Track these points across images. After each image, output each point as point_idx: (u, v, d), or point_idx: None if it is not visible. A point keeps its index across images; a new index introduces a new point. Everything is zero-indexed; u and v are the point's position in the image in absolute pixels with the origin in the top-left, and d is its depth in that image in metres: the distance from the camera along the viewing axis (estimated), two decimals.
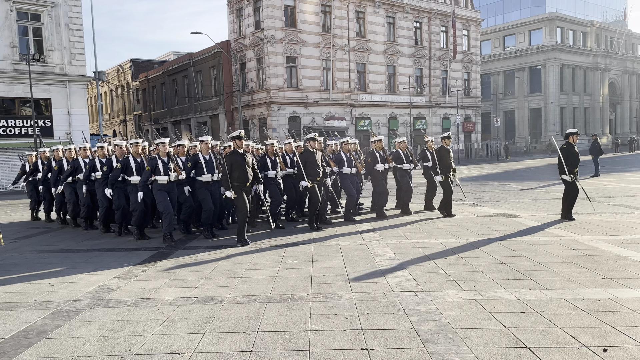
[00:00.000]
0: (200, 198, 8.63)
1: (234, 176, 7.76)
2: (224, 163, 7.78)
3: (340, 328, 4.12)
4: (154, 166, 8.16)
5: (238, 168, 7.79)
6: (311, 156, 9.07)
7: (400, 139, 11.18)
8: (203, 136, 8.97)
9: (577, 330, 3.96)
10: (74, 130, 25.51)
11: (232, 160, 7.82)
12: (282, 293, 5.15)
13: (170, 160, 8.36)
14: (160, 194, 8.20)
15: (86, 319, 4.51)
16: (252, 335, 4.00)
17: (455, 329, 4.03)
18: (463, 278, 5.55)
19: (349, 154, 10.23)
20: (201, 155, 8.73)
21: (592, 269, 5.82)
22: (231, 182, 7.77)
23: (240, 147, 7.94)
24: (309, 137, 9.37)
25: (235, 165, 7.79)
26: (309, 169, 8.93)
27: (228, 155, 7.92)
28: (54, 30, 25.34)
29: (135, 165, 8.60)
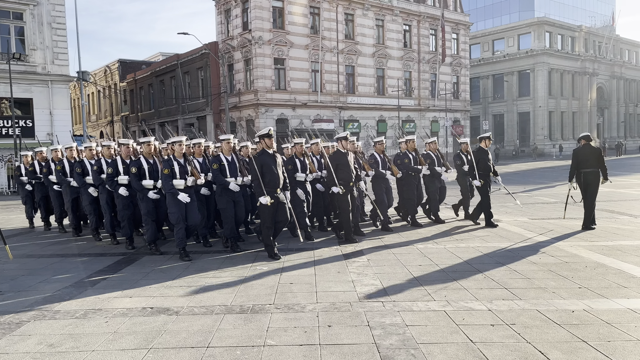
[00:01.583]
0: (221, 207, 7.45)
1: (264, 180, 6.79)
2: (254, 165, 6.78)
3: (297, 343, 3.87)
4: (170, 169, 6.99)
5: (269, 171, 6.83)
6: (343, 158, 7.94)
7: (431, 139, 10.13)
8: (224, 135, 7.80)
9: (547, 345, 3.73)
10: (56, 131, 25.02)
11: (262, 161, 6.85)
12: (243, 304, 4.88)
13: (187, 162, 7.20)
14: (174, 203, 6.96)
15: (27, 332, 4.20)
16: (201, 352, 3.72)
17: (419, 344, 3.79)
18: (435, 287, 5.31)
19: (382, 154, 9.14)
20: (223, 157, 7.52)
21: (568, 277, 5.61)
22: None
23: (270, 147, 7.00)
24: (341, 137, 8.10)
25: (266, 167, 6.82)
26: (340, 173, 7.82)
27: (257, 156, 6.94)
28: (36, 29, 24.89)
29: (148, 168, 7.50)
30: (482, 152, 9.43)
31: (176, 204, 6.92)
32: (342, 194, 7.77)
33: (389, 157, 9.24)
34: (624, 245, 7.28)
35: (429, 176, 9.59)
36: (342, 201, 7.84)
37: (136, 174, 7.42)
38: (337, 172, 7.82)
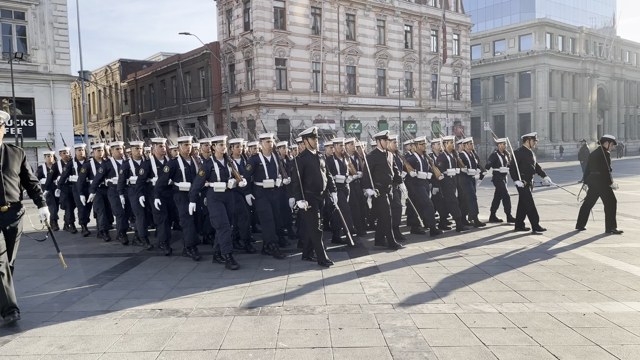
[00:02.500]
0: (260, 210, 7.10)
1: (306, 183, 6.40)
2: (295, 166, 6.41)
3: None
4: (209, 170, 6.58)
5: (312, 173, 6.44)
6: (382, 158, 7.40)
7: (466, 139, 9.61)
8: (264, 133, 7.41)
9: (560, 348, 3.72)
10: (57, 131, 25.00)
11: (305, 162, 6.44)
12: (252, 305, 4.86)
13: (228, 163, 6.74)
14: (216, 206, 6.52)
15: (37, 334, 4.19)
16: (213, 354, 3.71)
17: (432, 347, 3.77)
18: (444, 289, 5.30)
19: (423, 155, 8.62)
20: (262, 157, 7.14)
21: (577, 279, 5.59)
22: (303, 190, 6.41)
23: (314, 147, 6.59)
24: (380, 135, 7.54)
25: (309, 169, 6.43)
26: (378, 174, 7.29)
27: (300, 157, 6.55)
28: (38, 29, 24.86)
29: (185, 169, 7.07)
30: (525, 152, 8.83)
31: (218, 209, 6.52)
32: (380, 197, 7.28)
33: (430, 158, 8.72)
34: (630, 248, 7.26)
35: (464, 178, 9.10)
36: (381, 204, 7.36)
37: (167, 174, 7.05)
38: (375, 173, 7.31)
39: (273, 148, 7.34)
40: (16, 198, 4.55)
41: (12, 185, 4.52)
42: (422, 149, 8.65)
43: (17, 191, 4.57)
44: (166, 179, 7.10)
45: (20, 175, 4.64)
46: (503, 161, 9.47)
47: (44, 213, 4.79)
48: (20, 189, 4.67)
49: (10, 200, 4.49)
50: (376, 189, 7.23)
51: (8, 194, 4.48)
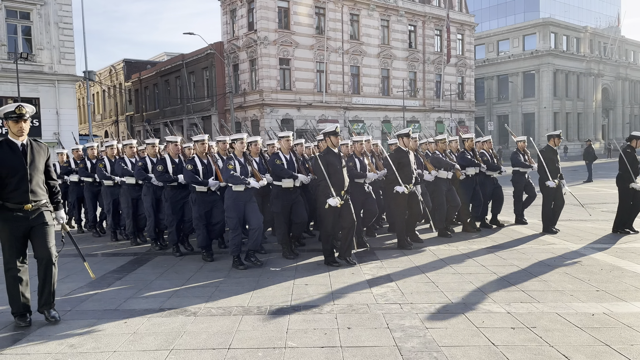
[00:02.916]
0: (275, 211, 7.05)
1: (330, 181, 6.28)
2: (319, 164, 6.29)
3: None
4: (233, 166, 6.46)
5: (334, 171, 6.33)
6: (404, 156, 7.33)
7: (485, 138, 9.41)
8: (283, 132, 7.27)
9: (570, 349, 3.71)
10: (62, 131, 25.11)
11: (328, 161, 6.35)
12: (260, 305, 4.87)
13: (248, 162, 6.64)
14: (234, 207, 6.40)
15: (47, 333, 4.20)
16: (222, 353, 3.71)
17: (441, 347, 3.77)
18: (451, 288, 5.29)
19: (443, 154, 8.45)
20: (282, 155, 7.04)
21: (585, 280, 5.58)
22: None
23: (336, 146, 6.56)
24: (402, 133, 7.47)
25: (332, 167, 6.33)
26: (400, 173, 7.21)
27: (323, 155, 6.45)
28: (43, 29, 24.93)
29: (202, 169, 6.92)
30: (550, 151, 8.50)
31: (235, 208, 6.39)
32: (399, 196, 7.21)
33: (450, 157, 8.50)
34: (638, 248, 7.24)
35: (483, 177, 8.91)
36: (399, 204, 7.28)
37: (192, 170, 6.82)
38: (398, 171, 7.22)
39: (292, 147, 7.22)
40: (42, 197, 4.36)
41: (37, 183, 4.33)
42: (442, 148, 8.49)
43: (42, 189, 4.39)
44: (192, 173, 6.80)
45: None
46: (523, 160, 9.27)
47: (61, 216, 4.65)
48: (46, 187, 4.47)
49: (35, 198, 4.30)
50: (406, 185, 7.15)
51: (33, 192, 4.28)
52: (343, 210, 6.38)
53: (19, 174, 4.21)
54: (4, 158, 4.21)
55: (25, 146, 4.30)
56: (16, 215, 4.22)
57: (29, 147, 4.32)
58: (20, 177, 4.21)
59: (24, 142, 4.31)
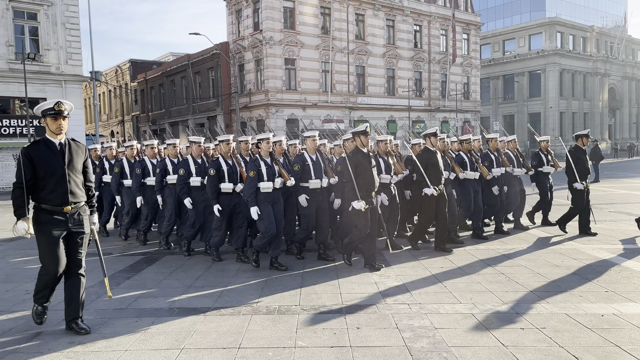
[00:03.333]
0: (303, 213, 6.82)
1: (358, 183, 6.04)
2: (347, 165, 6.06)
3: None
4: (257, 170, 6.25)
5: (364, 172, 6.10)
6: (433, 157, 7.12)
7: (510, 137, 9.17)
8: (309, 131, 7.04)
9: (580, 349, 3.71)
10: (69, 131, 25.22)
11: (357, 161, 6.11)
12: (269, 305, 4.89)
13: (275, 162, 6.45)
14: (263, 208, 6.19)
15: (58, 332, 4.24)
16: (233, 352, 3.74)
17: (450, 347, 3.78)
18: (459, 289, 5.29)
19: (469, 154, 8.19)
20: (307, 155, 6.78)
21: (594, 280, 5.57)
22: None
23: (366, 146, 6.29)
24: (429, 133, 7.21)
25: (361, 168, 6.09)
26: (429, 174, 7.00)
27: (352, 155, 6.20)
28: (50, 30, 25.10)
29: (227, 170, 6.67)
30: (579, 151, 8.29)
31: (265, 211, 6.17)
32: (430, 197, 7.00)
33: (476, 157, 8.21)
34: None
35: (510, 179, 8.69)
36: (428, 206, 7.07)
37: (214, 176, 6.56)
38: (426, 172, 7.02)
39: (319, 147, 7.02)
40: (81, 198, 4.15)
41: (76, 184, 4.12)
42: (468, 148, 8.22)
43: (81, 190, 4.18)
44: (216, 182, 6.58)
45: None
46: (546, 160, 9.11)
47: (94, 222, 4.38)
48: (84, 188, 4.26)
49: (75, 200, 4.08)
50: (435, 187, 6.96)
51: (72, 194, 4.06)
52: (370, 214, 6.14)
53: (57, 174, 3.99)
54: (42, 158, 3.99)
55: (63, 145, 4.08)
56: (55, 218, 4.01)
57: (67, 146, 4.10)
58: (59, 177, 4.00)
59: (62, 141, 4.09)
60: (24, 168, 3.95)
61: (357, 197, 6.01)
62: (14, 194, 3.99)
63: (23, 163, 3.95)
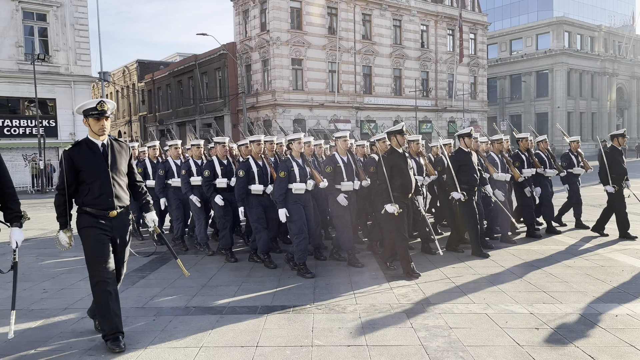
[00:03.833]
0: (336, 215, 6.57)
1: (394, 184, 5.84)
2: (382, 166, 5.90)
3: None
4: (289, 171, 6.12)
5: (400, 173, 5.89)
6: (467, 158, 6.87)
7: (541, 137, 8.84)
8: (340, 132, 6.81)
9: (595, 349, 3.73)
10: (78, 131, 25.46)
11: (393, 162, 5.91)
12: (284, 304, 4.94)
13: (306, 163, 6.28)
14: (295, 210, 6.05)
15: (77, 329, 4.32)
16: (251, 351, 3.79)
17: (466, 346, 3.81)
18: (472, 289, 5.32)
19: (500, 155, 7.99)
20: (339, 157, 6.58)
21: (607, 281, 5.58)
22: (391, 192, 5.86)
23: (402, 146, 6.08)
24: (464, 133, 6.98)
25: (397, 169, 5.89)
26: (463, 175, 6.74)
27: (387, 156, 6.01)
28: (59, 31, 25.30)
29: (257, 171, 6.49)
30: (616, 152, 8.03)
31: (297, 212, 6.05)
32: (465, 201, 6.73)
33: (507, 158, 8.04)
34: None
35: (540, 179, 8.44)
36: (467, 209, 6.79)
37: (244, 178, 6.41)
38: (460, 174, 6.77)
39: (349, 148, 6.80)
40: (126, 202, 3.95)
41: (121, 187, 3.92)
42: (499, 148, 8.02)
43: (126, 193, 3.99)
44: (245, 183, 6.44)
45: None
46: (577, 161, 8.89)
47: (153, 219, 4.18)
48: (129, 191, 4.09)
49: (120, 204, 3.88)
50: (463, 192, 6.69)
51: (117, 197, 3.86)
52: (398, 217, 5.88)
53: (102, 177, 3.80)
54: (85, 160, 3.80)
55: (106, 146, 3.89)
56: (100, 223, 3.81)
57: (109, 147, 3.90)
58: (103, 180, 3.80)
59: (104, 141, 3.89)
60: (67, 172, 3.76)
61: (391, 200, 5.80)
62: (56, 200, 3.83)
63: (65, 167, 3.76)
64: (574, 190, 9.02)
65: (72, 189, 3.80)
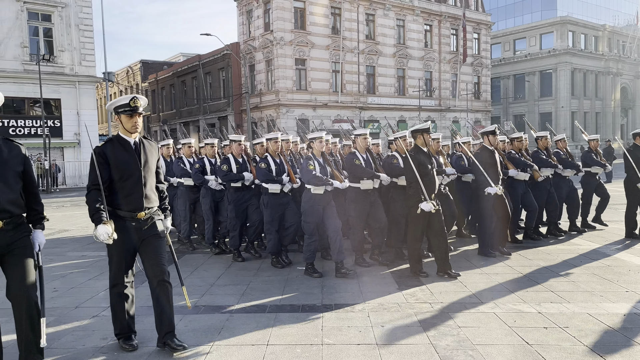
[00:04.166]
0: (355, 215, 6.46)
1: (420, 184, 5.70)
2: (411, 165, 5.71)
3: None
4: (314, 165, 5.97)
5: (425, 172, 5.78)
6: (491, 156, 6.77)
7: (560, 136, 8.67)
8: (359, 129, 6.68)
9: (604, 348, 3.75)
10: (83, 131, 25.56)
11: (419, 161, 5.79)
12: (292, 303, 4.98)
13: (327, 162, 6.15)
14: (311, 212, 5.97)
15: (90, 328, 4.36)
16: (262, 349, 3.82)
17: (475, 345, 3.83)
18: (479, 289, 5.34)
19: (519, 153, 7.89)
20: (359, 154, 6.40)
21: (614, 280, 5.59)
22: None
23: (428, 144, 5.99)
24: (488, 131, 6.92)
25: (423, 168, 5.77)
26: (488, 174, 6.63)
27: (414, 154, 5.87)
28: (64, 31, 25.42)
29: (275, 169, 6.42)
30: (638, 150, 7.92)
31: (313, 212, 5.93)
32: (486, 200, 6.57)
33: (527, 157, 7.93)
34: None
35: (558, 179, 8.30)
36: (486, 207, 6.65)
37: (266, 169, 6.37)
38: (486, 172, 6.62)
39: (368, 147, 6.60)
40: (155, 203, 3.79)
41: (151, 187, 3.75)
42: (519, 147, 7.90)
43: (155, 194, 3.81)
44: (267, 172, 6.35)
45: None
46: (596, 160, 8.73)
47: (167, 226, 3.97)
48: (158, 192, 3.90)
49: (149, 205, 3.72)
50: (499, 186, 6.57)
51: (147, 198, 3.69)
52: (433, 217, 5.77)
53: (134, 176, 3.64)
54: (118, 159, 3.65)
55: (138, 144, 3.73)
56: (128, 225, 3.65)
57: (141, 145, 3.74)
58: (135, 180, 3.64)
59: (136, 139, 3.74)
60: (100, 168, 3.57)
61: (426, 198, 5.65)
62: (89, 197, 3.60)
63: (98, 163, 3.58)
64: (588, 190, 8.85)
65: (106, 186, 3.60)
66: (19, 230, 3.30)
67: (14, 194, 3.23)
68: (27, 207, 3.39)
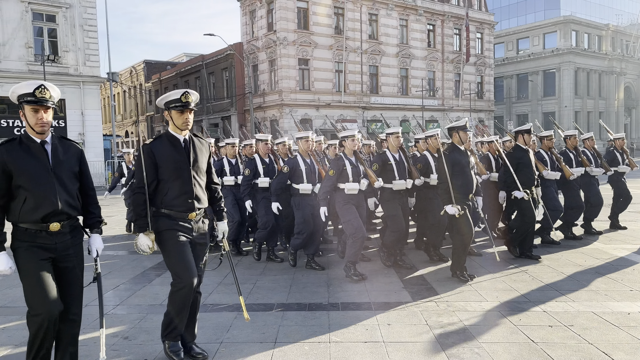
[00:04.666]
0: (389, 214, 6.24)
1: (455, 184, 5.47)
2: (444, 165, 5.50)
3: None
4: (340, 169, 5.79)
5: (461, 172, 5.56)
6: (525, 156, 6.53)
7: (587, 135, 8.51)
8: (392, 127, 6.49)
9: (609, 346, 3.79)
10: (87, 131, 25.69)
11: (455, 160, 5.58)
12: (299, 301, 5.03)
13: (360, 161, 5.97)
14: (348, 210, 5.76)
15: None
16: (270, 346, 3.88)
17: (481, 343, 3.88)
18: (484, 287, 5.38)
19: (549, 152, 7.65)
20: (390, 154, 6.23)
21: (618, 279, 5.62)
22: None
23: (464, 143, 5.74)
24: (523, 129, 6.68)
25: (458, 167, 5.55)
26: (521, 175, 6.38)
27: (449, 153, 5.65)
28: (68, 32, 25.51)
29: (305, 169, 6.27)
30: None
31: (350, 212, 5.72)
32: (526, 200, 6.36)
33: (557, 156, 7.74)
34: None
35: (588, 179, 8.10)
36: (526, 209, 6.41)
37: (286, 175, 6.28)
38: (517, 173, 6.41)
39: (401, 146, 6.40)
40: (205, 203, 3.63)
41: (201, 187, 3.58)
42: (549, 145, 7.68)
43: (205, 195, 3.64)
44: (285, 179, 6.33)
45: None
46: (622, 159, 8.62)
47: (223, 230, 3.81)
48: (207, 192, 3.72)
49: (200, 206, 3.55)
50: (526, 190, 6.37)
51: (197, 198, 3.52)
52: (461, 220, 5.54)
53: (184, 175, 3.47)
54: (166, 156, 3.46)
55: (187, 142, 3.54)
56: (181, 225, 3.48)
57: (191, 143, 3.56)
58: (185, 179, 3.46)
59: (186, 137, 3.55)
60: (147, 168, 3.42)
61: (452, 201, 5.47)
62: (136, 199, 3.45)
63: (145, 162, 3.42)
64: (620, 188, 8.68)
65: (153, 187, 3.46)
66: (75, 234, 3.15)
67: (71, 196, 3.08)
68: (83, 210, 3.24)
